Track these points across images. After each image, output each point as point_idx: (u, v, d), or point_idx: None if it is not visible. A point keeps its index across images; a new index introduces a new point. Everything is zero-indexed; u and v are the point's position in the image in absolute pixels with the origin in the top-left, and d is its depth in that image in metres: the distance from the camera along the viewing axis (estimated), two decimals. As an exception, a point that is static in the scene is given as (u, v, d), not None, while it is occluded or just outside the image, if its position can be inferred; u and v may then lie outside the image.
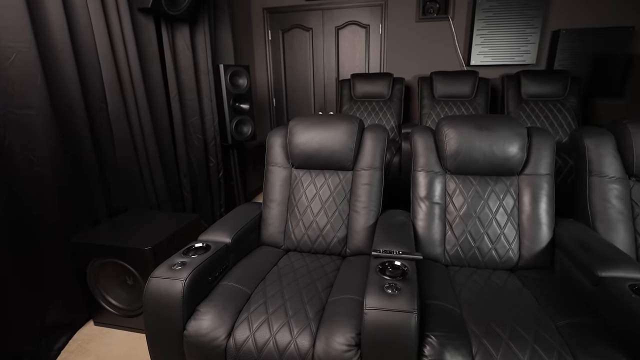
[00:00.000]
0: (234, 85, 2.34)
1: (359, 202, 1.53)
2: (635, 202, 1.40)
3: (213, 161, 2.38)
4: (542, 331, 1.03)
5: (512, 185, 1.47)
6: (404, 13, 3.07)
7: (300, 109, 3.38)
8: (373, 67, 3.19)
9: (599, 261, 1.15)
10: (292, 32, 3.20)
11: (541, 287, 1.26)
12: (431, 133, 1.58)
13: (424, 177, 1.54)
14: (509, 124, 1.48)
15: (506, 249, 1.43)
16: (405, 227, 1.41)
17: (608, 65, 2.88)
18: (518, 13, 2.87)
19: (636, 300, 0.98)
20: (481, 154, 1.46)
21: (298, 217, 1.57)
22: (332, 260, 1.47)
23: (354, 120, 1.58)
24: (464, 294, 1.23)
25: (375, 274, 1.08)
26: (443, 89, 2.79)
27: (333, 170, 1.60)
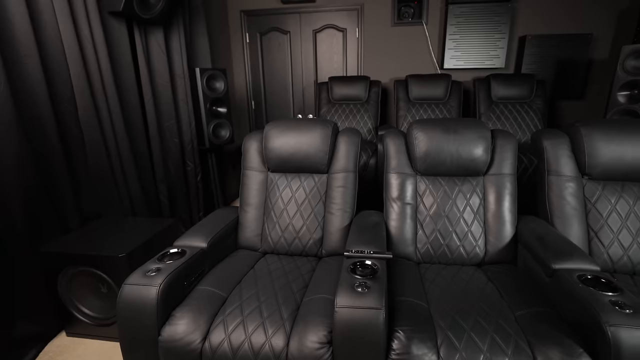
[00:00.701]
0: (210, 89, 2.34)
1: (334, 204, 1.57)
2: (588, 199, 1.51)
3: (191, 165, 2.37)
4: (502, 321, 1.10)
5: (478, 185, 1.55)
6: (380, 17, 3.15)
7: (279, 111, 3.41)
8: (351, 70, 3.26)
9: (553, 254, 1.24)
10: (270, 35, 3.22)
11: (504, 281, 1.34)
12: (402, 136, 1.64)
13: (396, 179, 1.60)
14: (475, 127, 1.56)
15: (473, 246, 1.51)
16: (377, 227, 1.47)
17: (570, 70, 3.05)
18: (487, 19, 2.99)
19: (583, 289, 1.06)
20: (449, 156, 1.54)
21: (274, 220, 1.60)
22: (308, 261, 1.51)
23: (328, 125, 1.62)
24: (432, 290, 1.29)
25: (346, 274, 1.13)
26: (418, 91, 2.88)
27: (308, 174, 1.64)
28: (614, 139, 1.48)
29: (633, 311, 0.96)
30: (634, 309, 0.97)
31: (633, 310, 0.97)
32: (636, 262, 1.42)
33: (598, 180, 1.52)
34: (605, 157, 1.48)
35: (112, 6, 1.75)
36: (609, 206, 1.48)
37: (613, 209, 1.47)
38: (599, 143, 1.49)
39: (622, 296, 1.02)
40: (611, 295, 1.03)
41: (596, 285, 1.08)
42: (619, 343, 0.91)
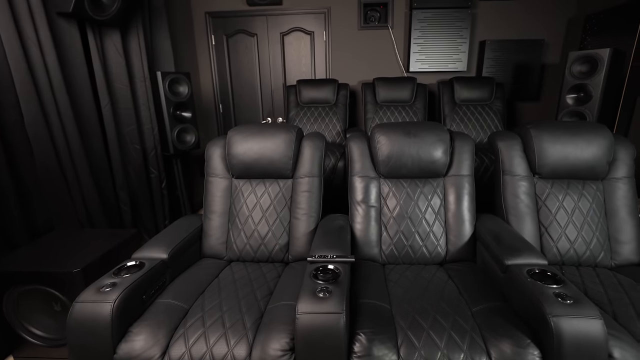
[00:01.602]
0: (173, 93, 2.28)
1: (299, 209, 1.58)
2: (539, 197, 1.60)
3: (154, 172, 2.29)
4: (459, 318, 1.15)
5: (438, 187, 1.61)
6: (347, 21, 3.19)
7: (248, 115, 3.36)
8: (319, 73, 3.27)
9: (507, 251, 1.30)
10: (237, 37, 3.18)
11: (464, 278, 1.40)
12: (365, 140, 1.67)
13: (360, 182, 1.62)
14: (434, 130, 1.61)
15: (435, 245, 1.56)
16: (342, 231, 1.48)
17: (526, 73, 3.23)
18: (449, 24, 3.11)
19: (531, 283, 1.13)
20: (410, 158, 1.58)
21: (239, 227, 1.58)
22: (274, 267, 1.50)
23: (292, 129, 1.62)
24: (395, 291, 1.32)
25: (308, 279, 1.13)
26: (385, 94, 2.94)
27: (273, 179, 1.63)
28: (559, 140, 1.58)
29: (573, 302, 1.03)
30: (574, 300, 1.04)
31: (573, 300, 1.03)
32: (581, 254, 1.53)
33: (547, 179, 1.62)
34: (553, 157, 1.58)
35: (60, 7, 1.66)
36: (557, 203, 1.58)
37: (560, 206, 1.57)
38: (547, 144, 1.58)
39: (564, 288, 1.09)
40: (555, 287, 1.10)
41: (543, 279, 1.14)
42: (560, 332, 0.98)
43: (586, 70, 2.44)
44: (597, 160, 1.56)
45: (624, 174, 1.59)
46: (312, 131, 2.89)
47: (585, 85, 2.44)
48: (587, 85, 2.43)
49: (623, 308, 1.21)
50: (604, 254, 1.53)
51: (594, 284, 1.37)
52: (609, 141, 1.56)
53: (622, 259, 1.52)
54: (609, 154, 1.56)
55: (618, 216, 1.56)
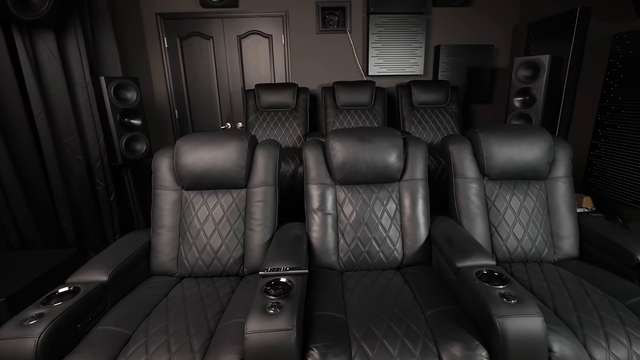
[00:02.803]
0: (120, 99, 2.13)
1: (253, 220, 1.52)
2: (488, 198, 1.66)
3: (101, 184, 2.13)
4: (412, 324, 1.15)
5: (393, 191, 1.62)
6: (305, 25, 3.17)
7: (206, 120, 3.24)
8: (279, 77, 3.22)
9: (458, 253, 1.33)
10: (191, 40, 3.05)
11: (419, 282, 1.41)
12: (320, 147, 1.65)
13: (316, 190, 1.60)
14: (387, 135, 1.63)
15: (391, 250, 1.57)
16: (298, 240, 1.45)
17: (478, 76, 3.38)
18: (405, 29, 3.18)
19: (479, 284, 1.15)
20: (365, 164, 1.58)
21: (191, 242, 1.50)
22: (228, 282, 1.44)
23: (244, 138, 1.57)
24: (351, 300, 1.30)
25: (259, 295, 1.09)
26: (345, 98, 2.95)
27: (226, 189, 1.56)
28: (505, 143, 1.65)
29: (517, 301, 1.07)
30: (518, 299, 1.08)
31: (517, 300, 1.07)
32: (527, 251, 1.60)
33: (496, 180, 1.68)
34: (500, 159, 1.64)
35: (-21, 6, 1.50)
36: (505, 203, 1.64)
37: (508, 206, 1.64)
38: (494, 147, 1.65)
39: (510, 287, 1.13)
40: (501, 288, 1.13)
41: (491, 280, 1.18)
42: (505, 332, 1.01)
43: (530, 74, 2.58)
44: (539, 161, 1.64)
45: (563, 173, 1.69)
46: (271, 136, 2.84)
47: (529, 89, 2.58)
48: (532, 89, 2.57)
49: (563, 301, 1.27)
50: (548, 249, 1.61)
51: (538, 279, 1.44)
52: (549, 143, 1.66)
53: (563, 253, 1.62)
54: (549, 155, 1.65)
55: (559, 213, 1.65)
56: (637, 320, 1.16)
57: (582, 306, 1.23)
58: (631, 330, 1.12)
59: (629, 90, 2.19)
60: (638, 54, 2.13)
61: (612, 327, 1.13)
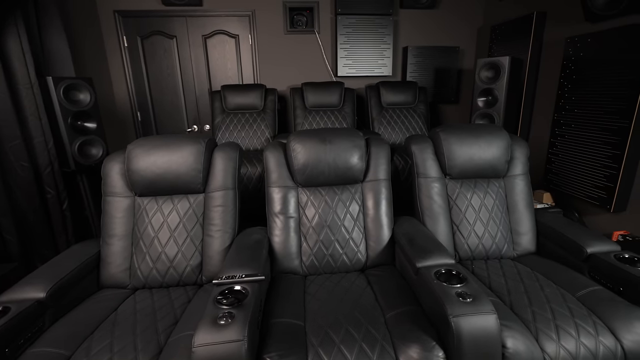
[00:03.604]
0: (71, 101, 2.01)
1: (212, 226, 1.47)
2: (450, 197, 1.68)
3: (51, 192, 1.99)
4: (371, 327, 1.13)
5: (356, 193, 1.61)
6: (273, 25, 3.13)
7: (171, 123, 3.13)
8: (247, 77, 3.16)
9: (418, 253, 1.33)
10: (153, 39, 2.93)
11: (382, 283, 1.40)
12: (281, 149, 1.62)
13: (278, 193, 1.56)
14: (349, 136, 1.61)
15: (355, 252, 1.55)
16: (258, 245, 1.40)
17: (445, 77, 3.45)
18: (372, 30, 3.20)
19: (437, 284, 1.16)
20: (326, 166, 1.56)
21: (144, 251, 1.42)
22: (185, 292, 1.37)
23: (201, 140, 1.51)
24: (311, 305, 1.27)
25: (211, 305, 1.04)
26: (314, 99, 2.93)
27: (182, 195, 1.50)
28: (465, 143, 1.68)
29: (472, 299, 1.07)
30: (473, 297, 1.08)
31: (472, 298, 1.08)
32: (488, 248, 1.63)
33: (457, 179, 1.71)
34: (460, 158, 1.67)
35: None
36: (466, 202, 1.67)
37: (469, 204, 1.67)
38: (454, 146, 1.67)
39: (466, 286, 1.13)
40: (458, 287, 1.14)
41: (449, 279, 1.18)
42: (460, 331, 1.01)
43: (492, 75, 2.66)
44: (497, 160, 1.68)
45: (520, 171, 1.74)
46: (239, 138, 2.77)
47: (492, 89, 2.66)
48: (494, 89, 2.65)
49: (519, 296, 1.30)
50: (507, 246, 1.65)
51: (497, 275, 1.46)
52: (507, 141, 1.70)
53: (521, 249, 1.66)
54: (507, 154, 1.70)
55: (517, 210, 1.69)
56: (586, 311, 1.20)
57: (536, 300, 1.26)
58: (580, 322, 1.15)
59: (581, 90, 2.29)
60: (587, 56, 2.23)
61: (563, 320, 1.16)
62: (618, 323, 1.15)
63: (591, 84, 2.22)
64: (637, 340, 1.12)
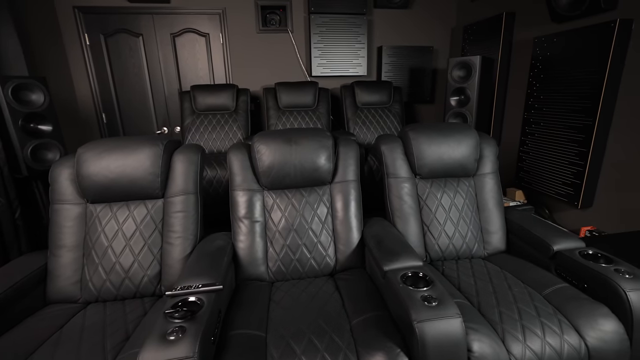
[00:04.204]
0: (22, 102, 1.88)
1: (172, 233, 1.39)
2: (420, 197, 1.66)
3: (1, 200, 1.85)
4: (335, 336, 1.09)
5: (324, 195, 1.56)
6: (245, 23, 3.05)
7: (139, 124, 3.00)
8: (219, 78, 3.07)
9: (385, 256, 1.29)
10: (118, 37, 2.80)
11: (351, 288, 1.36)
12: (246, 151, 1.55)
13: (242, 196, 1.50)
14: (315, 136, 1.56)
15: (323, 256, 1.50)
16: (220, 252, 1.34)
17: (420, 77, 3.47)
18: (346, 30, 3.17)
19: (402, 288, 1.12)
20: (292, 167, 1.50)
21: (96, 262, 1.33)
22: (141, 304, 1.29)
23: (159, 142, 1.42)
24: (275, 313, 1.22)
25: (161, 320, 0.96)
26: (287, 99, 2.88)
27: (139, 200, 1.41)
28: (434, 142, 1.66)
29: (437, 303, 1.04)
30: (439, 301, 1.05)
31: (438, 302, 1.05)
32: (458, 248, 1.62)
33: (427, 179, 1.69)
34: (430, 157, 1.65)
35: None
36: (436, 201, 1.65)
37: (439, 204, 1.65)
38: (424, 146, 1.65)
39: (432, 289, 1.11)
40: (424, 290, 1.11)
41: (415, 282, 1.15)
42: (424, 337, 0.97)
43: (464, 75, 2.68)
44: (466, 159, 1.67)
45: (490, 169, 1.74)
46: (209, 140, 2.68)
47: (464, 88, 2.68)
48: (466, 88, 2.67)
49: (487, 297, 1.28)
50: (478, 245, 1.65)
51: (466, 276, 1.45)
52: (476, 140, 1.69)
53: (492, 248, 1.66)
54: (476, 152, 1.69)
55: (487, 209, 1.69)
56: (552, 310, 1.20)
57: (503, 301, 1.25)
58: (545, 321, 1.14)
59: (548, 89, 2.33)
60: (554, 56, 2.27)
61: (529, 320, 1.15)
62: (582, 321, 1.15)
63: (558, 83, 2.26)
64: (601, 337, 1.12)
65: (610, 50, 1.91)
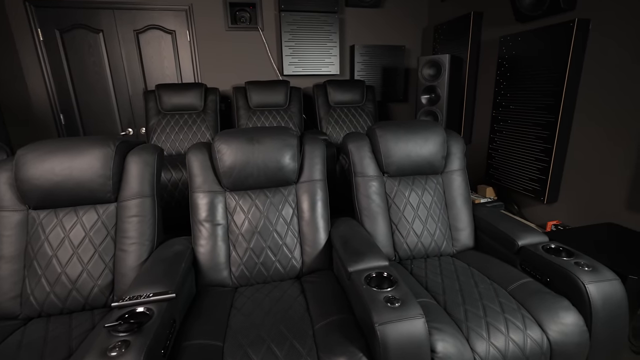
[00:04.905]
0: (-38, 102, 1.72)
1: (126, 239, 1.30)
2: (389, 195, 1.64)
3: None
4: (296, 342, 1.04)
5: (290, 195, 1.51)
6: (213, 21, 2.96)
7: (101, 125, 2.85)
8: (187, 77, 2.97)
9: (351, 257, 1.26)
10: (75, 32, 2.65)
11: (317, 291, 1.31)
12: (206, 151, 1.48)
13: (203, 198, 1.43)
14: (279, 135, 1.51)
15: (289, 259, 1.45)
16: (177, 258, 1.26)
17: (393, 76, 3.48)
18: (318, 28, 3.14)
19: (366, 290, 1.09)
20: (255, 167, 1.45)
21: (39, 273, 1.22)
22: (90, 317, 1.19)
23: (110, 143, 1.33)
24: (235, 320, 1.16)
25: (103, 334, 0.88)
26: (258, 98, 2.81)
27: (89, 205, 1.31)
28: (401, 139, 1.65)
29: (400, 304, 1.01)
30: (402, 301, 1.03)
31: (401, 302, 1.02)
32: (427, 246, 1.61)
33: (395, 177, 1.67)
34: (397, 155, 1.63)
35: None
36: (404, 200, 1.64)
37: (407, 202, 1.63)
38: (391, 143, 1.63)
39: (395, 290, 1.08)
40: (388, 291, 1.08)
41: (380, 283, 1.12)
42: (386, 339, 0.94)
43: (434, 73, 2.70)
44: (434, 156, 1.67)
45: (458, 166, 1.74)
46: (176, 141, 2.58)
47: (434, 87, 2.70)
48: (436, 87, 2.69)
49: (453, 295, 1.27)
50: (447, 242, 1.64)
51: (434, 274, 1.43)
52: (442, 137, 1.69)
53: (460, 245, 1.66)
54: (444, 149, 1.69)
55: (455, 206, 1.69)
56: (516, 305, 1.20)
57: (469, 298, 1.24)
58: (509, 317, 1.14)
59: (515, 87, 2.38)
60: (519, 55, 2.32)
61: (493, 317, 1.14)
62: (544, 315, 1.15)
63: (523, 81, 2.31)
64: (562, 330, 1.12)
65: (570, 49, 1.96)
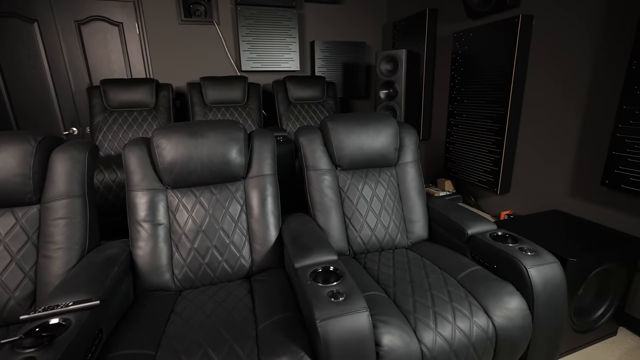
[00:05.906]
0: None
1: (51, 244, 1.18)
2: (342, 189, 1.62)
3: None
4: (236, 344, 0.98)
5: (237, 191, 1.45)
6: (164, 13, 2.82)
7: (40, 124, 2.62)
8: (137, 72, 2.80)
9: (298, 252, 1.22)
10: (5, 22, 2.41)
11: (265, 290, 1.26)
12: (145, 146, 1.38)
13: (142, 197, 1.33)
14: (225, 128, 1.44)
15: (237, 258, 1.39)
16: (109, 262, 1.16)
17: (354, 72, 3.48)
18: (277, 23, 3.08)
19: (310, 285, 1.05)
20: (199, 163, 1.37)
21: (-57, 286, 1.08)
22: (5, 334, 1.07)
23: (30, 139, 1.20)
24: (173, 326, 1.08)
25: (5, 352, 0.78)
26: (214, 95, 2.70)
27: (6, 209, 1.18)
28: (354, 132, 1.62)
29: (344, 298, 0.98)
30: (346, 295, 0.99)
31: (345, 296, 0.99)
32: (381, 239, 1.60)
33: (348, 170, 1.64)
34: (349, 148, 1.61)
35: None
36: (357, 193, 1.62)
37: (360, 195, 1.61)
38: (343, 136, 1.61)
39: (341, 284, 1.04)
40: (333, 285, 1.04)
41: (327, 278, 1.08)
42: (327, 336, 0.91)
43: (391, 68, 2.72)
44: (386, 148, 1.66)
45: (411, 158, 1.74)
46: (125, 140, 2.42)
47: (392, 82, 2.72)
48: (394, 82, 2.72)
49: (403, 287, 1.26)
50: (401, 235, 1.64)
51: (386, 267, 1.42)
52: (395, 129, 1.69)
53: (415, 237, 1.66)
54: (396, 141, 1.68)
55: (409, 198, 1.69)
56: (464, 293, 1.20)
57: (419, 289, 1.23)
58: (457, 305, 1.14)
59: (468, 82, 2.45)
60: (471, 50, 2.39)
61: (441, 306, 1.14)
62: (490, 301, 1.16)
63: (475, 75, 2.37)
64: (506, 315, 1.14)
65: (516, 44, 2.03)
